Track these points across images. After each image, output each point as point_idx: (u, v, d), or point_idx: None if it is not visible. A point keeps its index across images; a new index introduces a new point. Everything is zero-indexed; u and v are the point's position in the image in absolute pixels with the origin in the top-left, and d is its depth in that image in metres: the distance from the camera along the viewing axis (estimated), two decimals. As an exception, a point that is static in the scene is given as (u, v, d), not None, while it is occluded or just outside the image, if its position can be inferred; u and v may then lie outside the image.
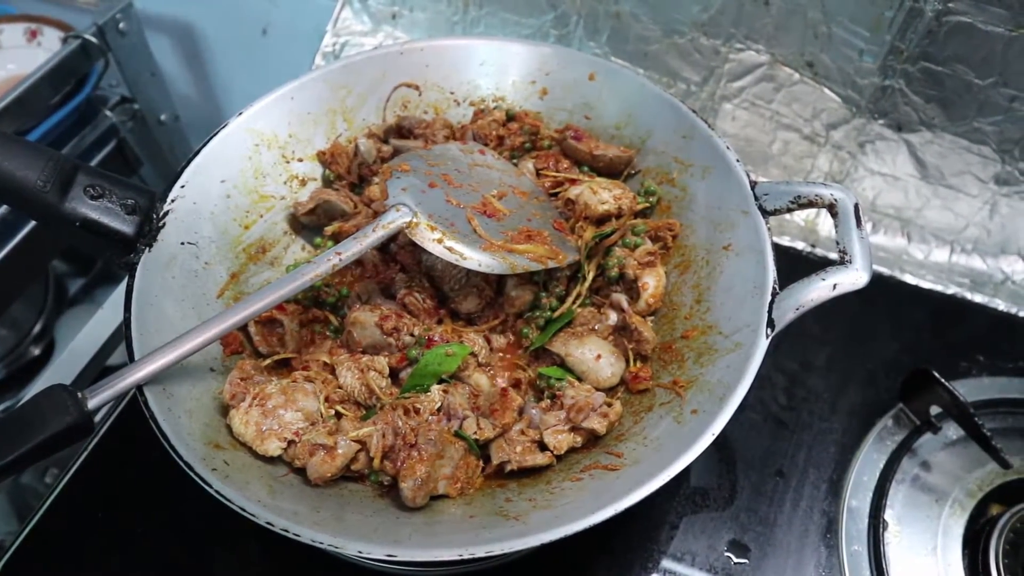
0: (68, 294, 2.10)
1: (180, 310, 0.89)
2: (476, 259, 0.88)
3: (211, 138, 0.98)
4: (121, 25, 1.62)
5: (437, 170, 0.97)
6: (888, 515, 1.03)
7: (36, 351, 1.99)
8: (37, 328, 1.98)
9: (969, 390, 1.10)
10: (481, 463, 0.86)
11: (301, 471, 0.81)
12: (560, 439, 0.85)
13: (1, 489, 1.14)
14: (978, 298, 1.27)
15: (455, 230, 0.89)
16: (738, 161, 0.95)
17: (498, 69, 1.13)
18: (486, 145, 1.10)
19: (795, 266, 1.24)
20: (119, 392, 0.75)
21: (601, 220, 1.00)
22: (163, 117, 1.84)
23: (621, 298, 0.95)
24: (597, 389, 0.90)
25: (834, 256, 1.28)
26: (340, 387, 0.88)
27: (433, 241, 0.88)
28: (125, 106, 1.72)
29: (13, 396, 1.92)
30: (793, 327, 0.84)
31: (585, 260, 0.98)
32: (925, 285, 1.29)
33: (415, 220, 0.88)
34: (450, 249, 0.88)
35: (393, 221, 0.87)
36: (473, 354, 0.92)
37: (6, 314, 1.80)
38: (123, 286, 0.96)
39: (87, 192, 0.85)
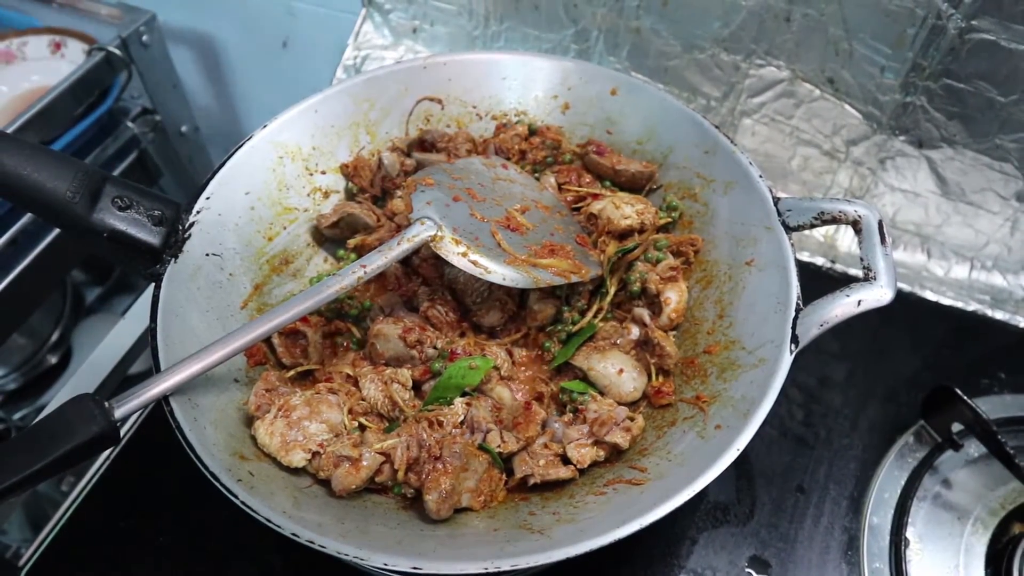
0: (85, 303, 2.11)
1: (204, 320, 0.90)
2: (500, 273, 0.89)
3: (236, 150, 0.99)
4: (144, 38, 1.63)
5: (461, 184, 0.98)
6: (910, 532, 1.02)
7: (53, 359, 2.00)
8: (54, 337, 2.00)
9: (991, 407, 1.10)
10: (504, 477, 0.86)
11: (325, 483, 0.82)
12: (583, 453, 0.85)
13: (21, 496, 1.15)
14: (999, 315, 1.27)
15: (479, 244, 0.90)
16: (761, 176, 0.95)
17: (521, 83, 1.14)
18: (508, 159, 1.10)
19: (815, 282, 1.24)
20: (146, 402, 0.76)
21: (624, 235, 1.00)
22: (183, 129, 1.86)
23: (643, 312, 0.95)
24: (619, 403, 0.90)
25: (854, 271, 1.30)
26: (363, 399, 0.88)
27: (457, 255, 0.88)
28: (146, 117, 1.74)
29: (30, 404, 1.93)
30: (812, 342, 0.84)
31: (608, 274, 0.98)
32: (945, 302, 1.28)
33: (439, 234, 0.88)
34: (474, 263, 0.88)
35: (418, 234, 0.88)
36: (496, 368, 0.92)
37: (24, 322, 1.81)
38: (144, 296, 0.96)
39: (115, 203, 0.85)
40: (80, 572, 0.99)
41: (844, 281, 0.85)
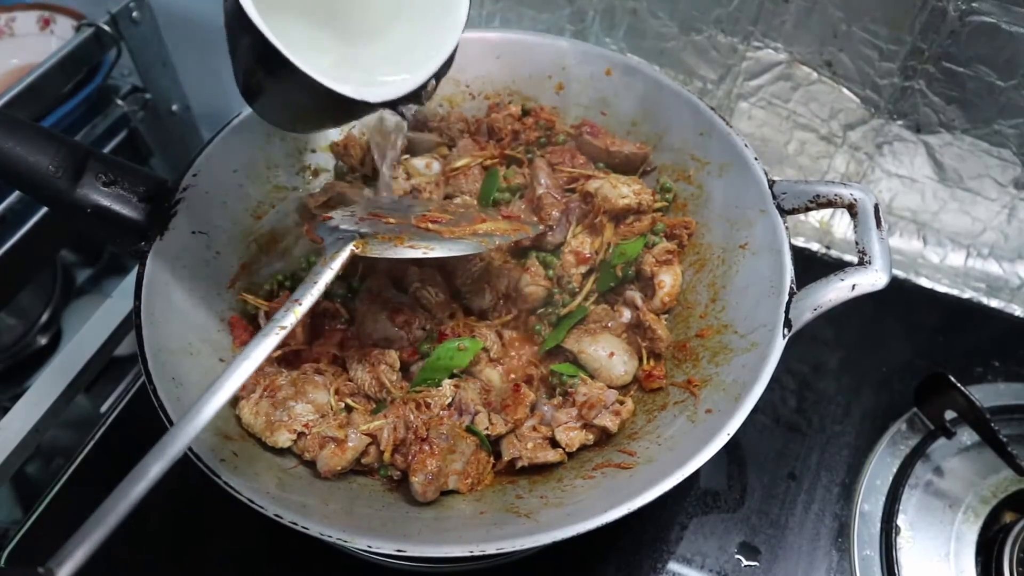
0: (76, 284, 2.09)
1: (190, 300, 0.89)
2: (444, 247, 0.82)
3: (224, 127, 0.97)
4: (134, 14, 1.61)
5: (365, 210, 0.91)
6: (901, 520, 1.01)
7: (43, 341, 1.99)
8: (44, 318, 1.98)
9: (984, 395, 1.08)
10: (492, 459, 0.85)
11: (310, 464, 0.81)
12: (572, 436, 0.84)
13: (6, 478, 1.13)
14: (994, 303, 1.26)
15: (408, 234, 0.83)
16: (756, 159, 0.94)
17: (515, 63, 1.12)
18: (500, 140, 1.09)
19: (809, 268, 1.23)
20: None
21: (621, 215, 0.99)
22: (174, 107, 1.83)
23: (635, 295, 0.94)
24: (610, 387, 0.89)
25: (849, 258, 1.28)
26: (350, 380, 0.87)
27: (391, 247, 0.80)
28: (136, 96, 1.71)
29: (18, 385, 1.92)
30: (806, 329, 0.83)
31: (612, 266, 0.97)
32: (941, 289, 1.28)
33: (361, 239, 0.79)
34: (412, 246, 0.80)
35: (340, 251, 0.77)
36: (485, 349, 0.91)
37: (13, 303, 1.79)
38: (132, 276, 0.94)
39: (99, 179, 0.84)
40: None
41: (840, 268, 0.84)
